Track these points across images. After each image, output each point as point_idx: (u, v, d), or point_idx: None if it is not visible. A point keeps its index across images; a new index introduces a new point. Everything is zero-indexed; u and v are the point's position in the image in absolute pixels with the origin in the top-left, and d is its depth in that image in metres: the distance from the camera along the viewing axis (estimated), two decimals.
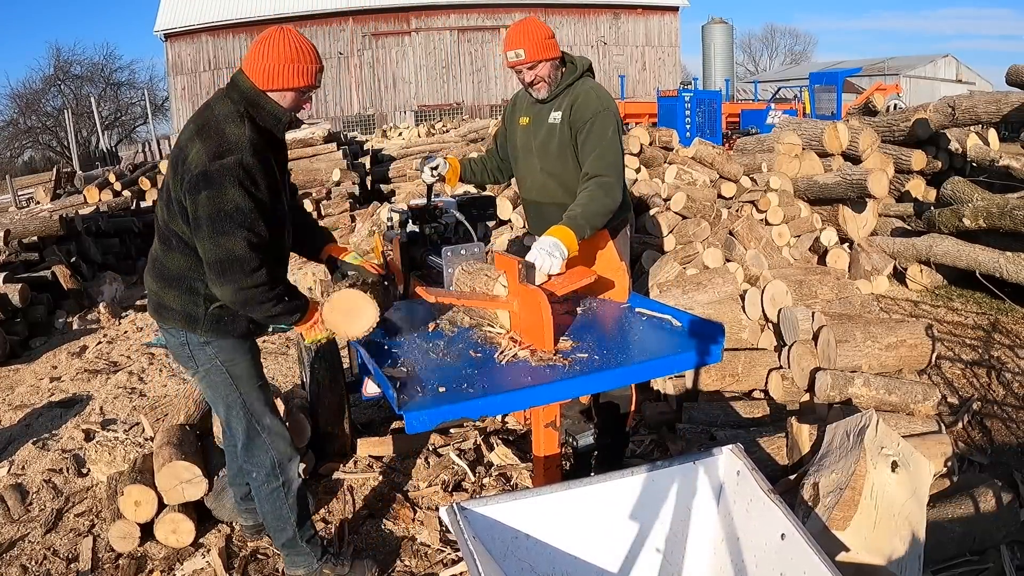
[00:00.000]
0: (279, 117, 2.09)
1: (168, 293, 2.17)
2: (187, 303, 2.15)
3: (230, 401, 2.27)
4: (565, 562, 1.88)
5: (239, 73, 2.09)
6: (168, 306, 2.18)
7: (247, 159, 1.96)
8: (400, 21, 26.09)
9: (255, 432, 2.30)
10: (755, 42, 55.34)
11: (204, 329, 2.17)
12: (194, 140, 1.99)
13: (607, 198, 2.53)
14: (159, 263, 2.18)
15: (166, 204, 2.09)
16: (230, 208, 1.93)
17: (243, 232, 1.96)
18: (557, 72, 2.71)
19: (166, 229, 2.13)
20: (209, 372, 2.23)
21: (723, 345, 2.16)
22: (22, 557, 2.77)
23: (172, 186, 2.04)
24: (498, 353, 2.12)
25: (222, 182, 1.92)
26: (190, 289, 2.14)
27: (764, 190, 6.01)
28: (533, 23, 2.68)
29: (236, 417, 2.29)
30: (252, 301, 2.03)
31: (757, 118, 15.36)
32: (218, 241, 1.94)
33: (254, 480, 2.35)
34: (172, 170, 2.04)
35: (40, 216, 7.93)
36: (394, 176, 12.12)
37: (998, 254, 4.90)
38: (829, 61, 36.38)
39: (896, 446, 2.08)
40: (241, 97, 2.06)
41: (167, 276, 2.16)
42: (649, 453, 3.33)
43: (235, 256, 1.96)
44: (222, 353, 2.21)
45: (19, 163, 32.84)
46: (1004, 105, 6.67)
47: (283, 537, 2.38)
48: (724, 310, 3.88)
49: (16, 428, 4.02)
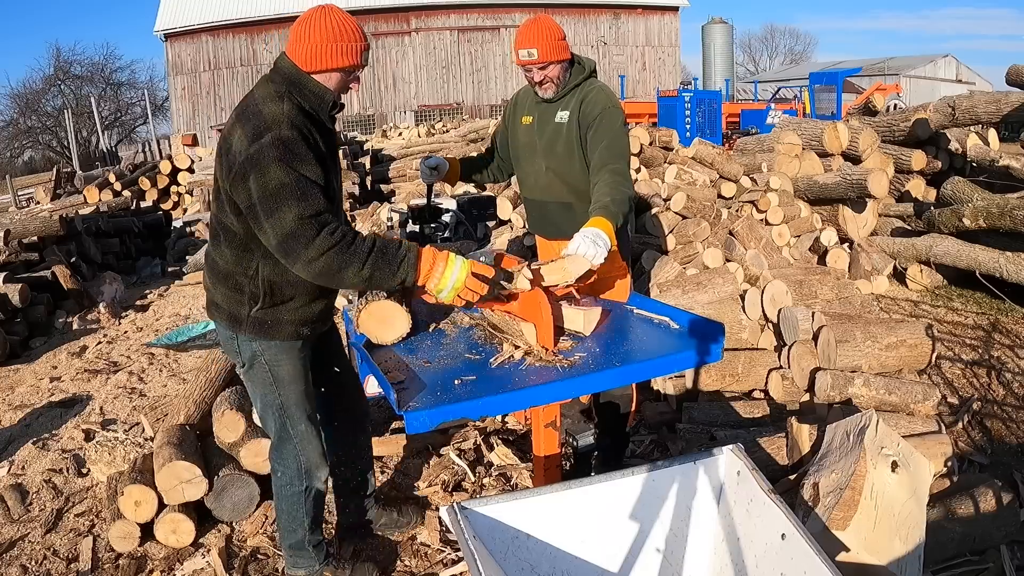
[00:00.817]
0: (323, 97, 2.01)
1: (217, 290, 2.15)
2: (233, 302, 2.11)
3: (268, 400, 2.22)
4: (565, 562, 1.88)
5: (281, 56, 2.02)
6: (217, 303, 2.17)
7: (284, 133, 1.88)
8: (400, 21, 26.08)
9: (287, 436, 2.25)
10: (755, 42, 55.40)
11: (248, 329, 2.12)
12: (235, 127, 1.94)
13: (625, 186, 2.50)
14: (210, 259, 2.16)
15: (215, 197, 2.05)
16: (274, 186, 1.85)
17: (293, 205, 1.85)
18: (566, 74, 2.72)
19: (215, 223, 2.08)
20: (252, 367, 2.20)
21: (723, 345, 2.16)
22: (22, 557, 2.77)
23: (219, 177, 1.99)
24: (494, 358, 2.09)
25: (263, 162, 1.85)
26: (236, 286, 2.09)
27: (764, 190, 6.01)
28: (547, 23, 2.68)
29: (271, 417, 2.25)
30: (330, 271, 1.89)
31: (757, 118, 15.37)
32: (272, 223, 1.86)
33: (278, 478, 2.32)
34: (218, 161, 1.99)
35: (40, 216, 7.93)
36: (394, 176, 12.12)
37: (998, 254, 4.90)
38: (829, 61, 36.39)
39: (896, 446, 2.08)
40: (283, 79, 1.99)
41: (216, 272, 2.14)
42: (649, 453, 3.32)
43: (289, 232, 1.85)
44: (267, 352, 2.16)
45: (19, 163, 32.86)
46: (1004, 105, 6.67)
47: (292, 539, 2.37)
48: (724, 310, 3.87)
49: (16, 428, 4.02)
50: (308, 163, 1.91)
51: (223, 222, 2.04)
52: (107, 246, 8.31)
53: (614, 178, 2.47)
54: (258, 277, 2.06)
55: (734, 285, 4.39)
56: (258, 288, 2.07)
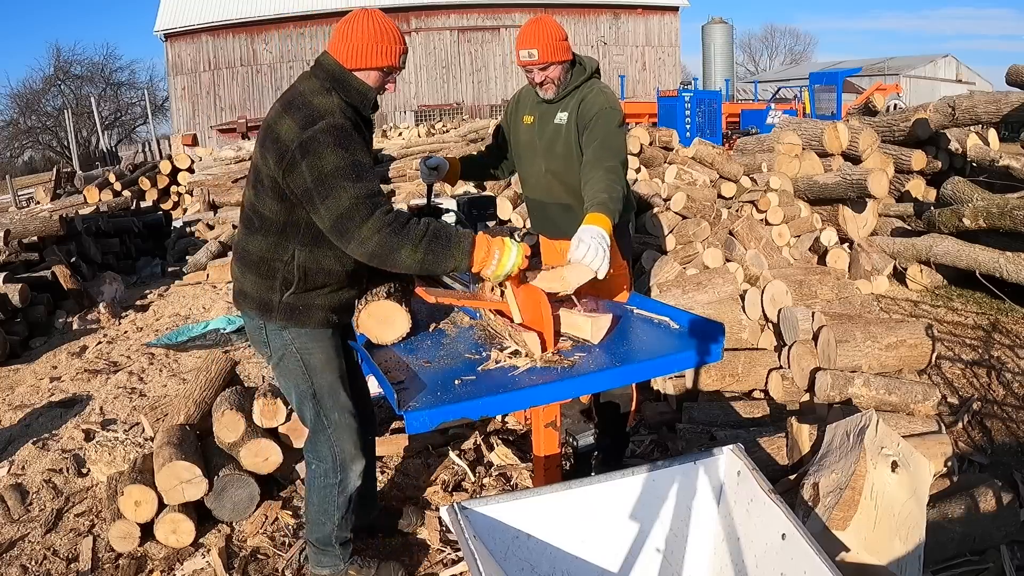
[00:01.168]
0: (366, 93, 2.08)
1: (247, 278, 2.16)
2: (263, 289, 2.13)
3: (302, 390, 2.22)
4: (566, 562, 1.88)
5: (324, 54, 2.10)
6: (246, 292, 2.17)
7: (337, 120, 1.96)
8: (400, 21, 26.05)
9: (322, 425, 2.25)
10: (755, 42, 55.39)
11: (279, 316, 2.14)
12: (282, 116, 1.99)
13: (619, 184, 2.48)
14: (240, 247, 2.18)
15: (254, 185, 2.09)
16: (330, 169, 1.91)
17: (348, 186, 1.91)
18: (567, 75, 2.72)
19: (250, 211, 2.12)
20: (284, 358, 2.19)
21: (723, 344, 2.16)
22: (22, 557, 2.77)
23: (261, 165, 2.03)
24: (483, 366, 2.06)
25: (318, 148, 1.92)
26: (269, 272, 2.11)
27: (764, 190, 6.01)
28: (548, 23, 2.68)
29: (307, 407, 2.24)
30: (384, 250, 1.93)
31: (757, 118, 15.37)
32: (327, 204, 1.91)
33: (312, 471, 2.31)
34: (261, 149, 2.03)
35: (40, 216, 7.93)
36: (394, 176, 12.11)
37: (998, 254, 4.90)
38: (829, 61, 36.39)
39: (896, 446, 2.08)
40: (327, 75, 2.06)
41: (247, 260, 2.15)
42: (649, 453, 3.32)
43: (345, 211, 1.91)
44: (298, 340, 2.17)
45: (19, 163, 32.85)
46: (1004, 105, 6.67)
47: (319, 532, 2.35)
48: (724, 310, 3.88)
49: (16, 428, 4.02)
50: (361, 149, 1.99)
51: (260, 210, 2.08)
52: (107, 246, 8.31)
53: (608, 176, 2.44)
54: (293, 263, 2.10)
55: (734, 285, 4.39)
56: (292, 273, 2.10)
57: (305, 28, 25.38)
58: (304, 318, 2.16)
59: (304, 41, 25.38)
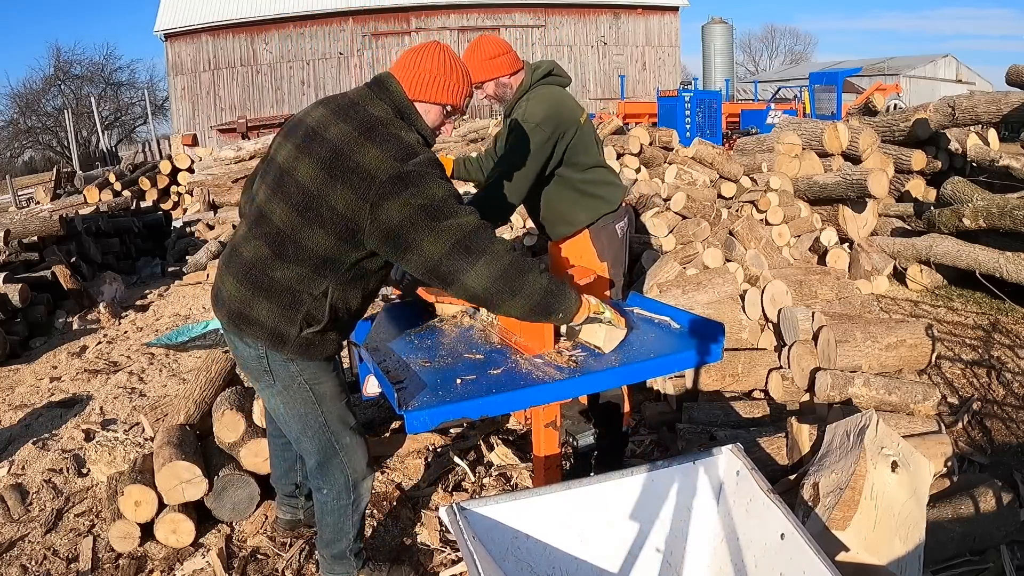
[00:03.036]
0: (423, 134, 1.99)
1: (260, 304, 1.94)
2: (280, 320, 1.93)
3: (308, 420, 2.09)
4: (565, 562, 1.88)
5: (388, 75, 1.98)
6: (254, 318, 1.95)
7: (430, 155, 1.86)
8: (400, 21, 26.07)
9: (332, 452, 2.13)
10: (755, 42, 55.39)
11: (291, 351, 1.97)
12: (363, 143, 1.81)
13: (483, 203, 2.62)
14: (258, 270, 1.93)
15: (298, 209, 1.85)
16: (441, 195, 1.80)
17: (462, 209, 1.82)
18: (505, 89, 2.78)
19: (287, 236, 1.88)
20: (289, 389, 2.05)
21: (723, 344, 2.16)
22: (22, 557, 2.77)
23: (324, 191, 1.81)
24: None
25: (422, 180, 1.79)
26: (292, 304, 1.92)
27: (764, 190, 6.01)
28: (479, 44, 2.75)
29: (311, 437, 2.11)
30: (517, 271, 1.84)
31: (757, 118, 15.38)
32: (444, 226, 1.78)
33: (323, 495, 2.21)
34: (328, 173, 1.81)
35: (40, 216, 7.94)
36: None
37: (998, 254, 4.90)
38: (829, 61, 36.39)
39: (896, 446, 2.08)
40: (392, 103, 1.94)
41: (267, 286, 1.92)
42: (649, 453, 3.33)
43: (471, 228, 1.81)
44: (306, 372, 2.04)
45: (19, 163, 32.85)
46: (1004, 105, 6.67)
47: (335, 549, 2.30)
48: (724, 310, 3.87)
49: (16, 428, 4.02)
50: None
51: (300, 239, 1.86)
52: (107, 246, 8.31)
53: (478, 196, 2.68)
54: (325, 300, 1.93)
55: (734, 285, 4.38)
56: (320, 310, 1.94)
57: (305, 28, 25.38)
58: (318, 352, 2.03)
59: (304, 41, 25.39)
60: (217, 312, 2.08)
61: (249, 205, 2.07)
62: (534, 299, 1.89)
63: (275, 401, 2.11)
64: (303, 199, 1.84)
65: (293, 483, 2.66)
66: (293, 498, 2.70)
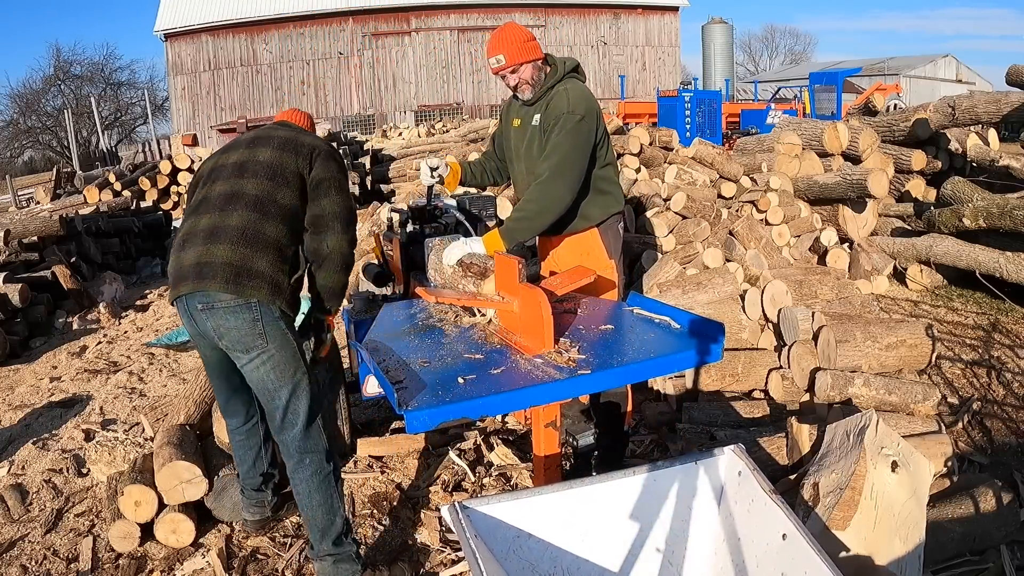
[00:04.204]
0: None
1: (260, 258, 2.25)
2: (277, 270, 2.28)
3: (298, 378, 2.29)
4: (566, 561, 1.88)
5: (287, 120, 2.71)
6: (257, 271, 2.22)
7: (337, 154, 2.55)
8: (400, 21, 26.08)
9: (318, 407, 2.36)
10: (755, 42, 55.40)
11: (284, 300, 2.28)
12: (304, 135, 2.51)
13: (543, 199, 2.58)
14: (252, 229, 2.27)
15: (271, 177, 2.36)
16: (344, 177, 2.47)
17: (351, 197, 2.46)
18: (540, 73, 2.75)
19: (266, 199, 2.32)
20: (281, 348, 2.26)
21: (723, 344, 2.16)
22: (22, 557, 2.77)
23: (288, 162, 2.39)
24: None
25: (338, 159, 2.49)
26: (281, 257, 2.30)
27: (764, 190, 6.01)
28: (511, 28, 2.73)
29: (301, 396, 2.30)
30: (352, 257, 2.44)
31: (757, 118, 15.37)
32: (344, 199, 2.42)
33: (306, 468, 2.30)
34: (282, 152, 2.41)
35: (40, 216, 7.94)
36: (394, 176, 12.12)
37: (998, 254, 4.91)
38: (829, 61, 36.40)
39: (896, 446, 2.08)
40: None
41: (263, 241, 2.27)
42: (649, 453, 3.32)
43: (352, 211, 2.44)
44: (291, 331, 2.32)
45: (19, 163, 32.86)
46: (1004, 105, 6.67)
47: (332, 533, 2.31)
48: (724, 310, 3.88)
49: (16, 428, 4.02)
50: None
51: (278, 199, 2.34)
52: (107, 246, 8.31)
53: (531, 193, 2.61)
54: (299, 252, 2.42)
55: (734, 285, 4.39)
56: (297, 260, 2.39)
57: (305, 28, 25.39)
58: (295, 308, 2.40)
59: (304, 41, 25.40)
60: (204, 283, 2.19)
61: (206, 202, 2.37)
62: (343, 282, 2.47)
63: (265, 368, 2.26)
64: (270, 170, 2.37)
65: (260, 473, 2.69)
66: (260, 492, 2.72)
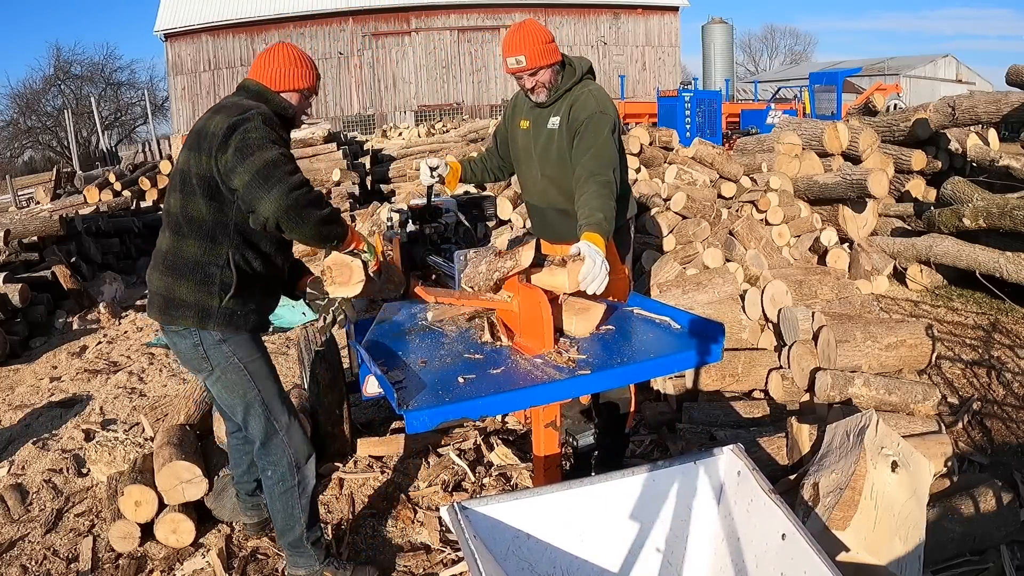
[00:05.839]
0: (287, 109, 2.27)
1: (180, 285, 2.14)
2: (201, 295, 2.13)
3: (249, 399, 2.25)
4: (566, 562, 1.88)
5: (247, 79, 2.29)
6: (180, 300, 2.14)
7: (265, 111, 2.12)
8: (400, 21, 26.08)
9: (273, 430, 2.28)
10: (755, 42, 55.38)
11: (217, 323, 2.14)
12: (211, 118, 2.11)
13: (612, 199, 2.47)
14: (170, 255, 2.17)
15: (180, 189, 2.13)
16: (255, 136, 2.02)
17: (275, 147, 2.02)
18: (557, 76, 2.69)
19: (180, 216, 2.14)
20: (226, 371, 2.21)
21: (723, 345, 2.16)
22: (22, 557, 2.77)
23: (191, 166, 2.10)
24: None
25: (246, 125, 2.03)
26: (205, 278, 2.13)
27: (764, 190, 6.01)
28: (532, 27, 2.65)
29: (255, 416, 2.26)
30: (302, 202, 2.01)
31: (757, 118, 15.36)
32: (252, 159, 1.98)
33: (268, 479, 2.33)
34: (191, 151, 2.11)
35: (40, 216, 7.93)
36: (394, 176, 12.12)
37: (998, 254, 4.90)
38: (829, 61, 36.39)
39: (896, 446, 2.08)
40: (252, 93, 2.25)
41: (179, 266, 2.14)
42: (649, 453, 3.32)
43: (271, 160, 1.99)
44: (239, 350, 2.21)
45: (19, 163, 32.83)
46: (1004, 105, 6.67)
47: (290, 537, 2.37)
48: (724, 310, 3.87)
49: (16, 428, 4.02)
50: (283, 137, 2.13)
51: (190, 213, 2.12)
52: (107, 246, 8.31)
53: (601, 191, 2.43)
54: (230, 264, 2.13)
55: (734, 285, 4.39)
56: (230, 276, 2.13)
57: (305, 28, 25.38)
58: (241, 323, 2.20)
59: (304, 41, 25.37)
60: (150, 314, 2.25)
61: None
62: (316, 229, 2.08)
63: (217, 388, 2.26)
64: (180, 180, 2.14)
65: (254, 479, 2.69)
66: (255, 497, 2.72)
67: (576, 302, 2.26)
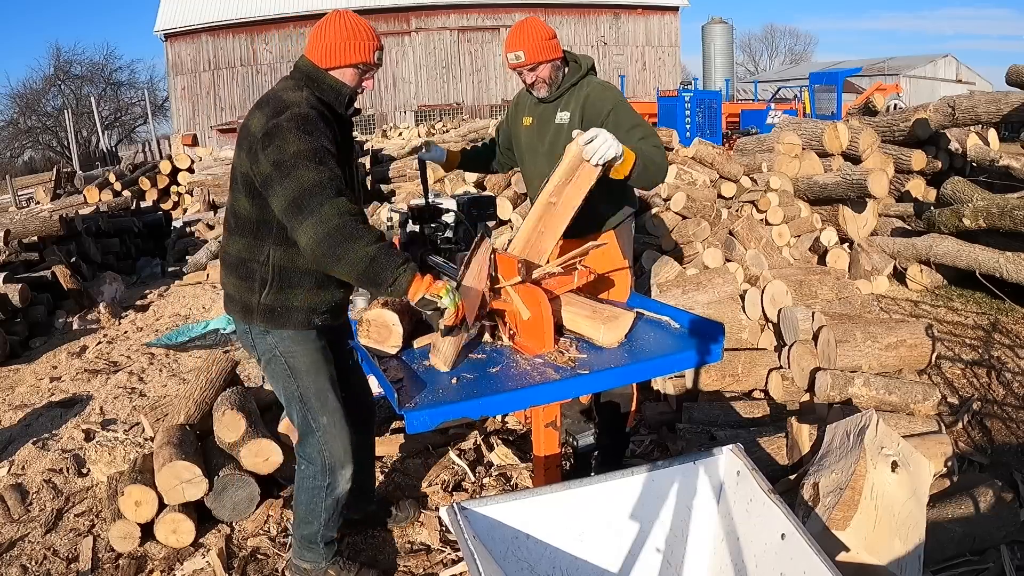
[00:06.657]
0: (340, 91, 2.12)
1: (229, 280, 2.20)
2: (243, 291, 2.15)
3: (288, 393, 2.23)
4: (565, 562, 1.88)
5: (301, 57, 2.16)
6: (229, 295, 2.22)
7: (303, 110, 1.98)
8: (400, 21, 26.07)
9: (309, 429, 2.25)
10: (755, 42, 55.38)
11: (259, 319, 2.15)
12: (254, 113, 2.04)
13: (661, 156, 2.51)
14: (223, 251, 2.23)
15: (231, 187, 2.14)
16: (292, 151, 1.91)
17: (312, 167, 1.90)
18: (559, 72, 2.69)
19: (230, 213, 2.16)
20: (269, 362, 2.21)
21: (723, 344, 2.16)
22: (22, 557, 2.77)
23: (237, 163, 2.07)
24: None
25: (283, 133, 1.93)
26: (247, 274, 2.13)
27: (764, 190, 6.01)
28: (533, 24, 2.66)
29: (294, 410, 2.26)
30: (342, 236, 1.84)
31: (757, 118, 15.37)
32: (286, 183, 1.89)
33: (302, 472, 2.30)
34: (237, 148, 2.08)
35: (40, 216, 7.93)
36: (394, 176, 12.11)
37: (998, 254, 4.90)
38: (829, 61, 36.39)
39: (896, 446, 2.08)
40: (301, 75, 2.12)
41: (228, 262, 2.19)
42: (649, 453, 3.32)
43: (307, 186, 1.87)
44: (282, 344, 2.17)
45: (19, 163, 32.85)
46: (1004, 105, 6.67)
47: (305, 530, 2.35)
48: (724, 310, 3.87)
49: (16, 428, 4.02)
50: (326, 137, 1.99)
51: (236, 210, 2.12)
52: (107, 246, 8.31)
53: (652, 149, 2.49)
54: (269, 263, 2.11)
55: (734, 285, 4.38)
56: (268, 273, 2.11)
57: (305, 28, 25.34)
58: (283, 320, 2.14)
59: (304, 41, 25.36)
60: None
61: None
62: (359, 268, 1.88)
63: (265, 374, 2.29)
64: (231, 177, 2.12)
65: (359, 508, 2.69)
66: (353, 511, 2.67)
67: (604, 309, 2.22)
